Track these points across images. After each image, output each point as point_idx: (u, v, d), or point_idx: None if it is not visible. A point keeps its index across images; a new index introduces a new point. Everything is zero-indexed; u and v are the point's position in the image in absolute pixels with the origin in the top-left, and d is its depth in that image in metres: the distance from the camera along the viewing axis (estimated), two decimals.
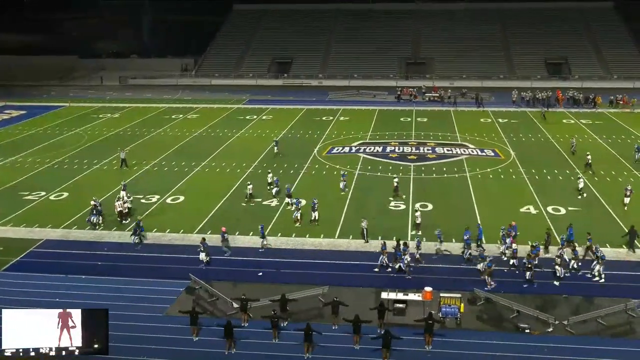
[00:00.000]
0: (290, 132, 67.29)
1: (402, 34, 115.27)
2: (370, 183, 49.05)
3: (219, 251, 35.85)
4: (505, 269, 33.86)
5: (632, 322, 28.68)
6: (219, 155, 57.47)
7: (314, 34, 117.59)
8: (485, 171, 51.47)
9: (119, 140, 63.62)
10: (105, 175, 51.94)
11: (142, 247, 37.40)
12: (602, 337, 27.62)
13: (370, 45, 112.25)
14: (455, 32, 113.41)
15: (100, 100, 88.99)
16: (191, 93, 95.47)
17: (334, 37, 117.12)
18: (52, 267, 34.75)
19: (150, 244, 38.03)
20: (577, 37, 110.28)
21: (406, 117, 74.23)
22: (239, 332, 27.49)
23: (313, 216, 40.53)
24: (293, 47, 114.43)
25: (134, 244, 37.53)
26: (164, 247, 37.53)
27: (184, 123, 72.67)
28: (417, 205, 41.66)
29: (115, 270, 34.36)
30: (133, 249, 37.21)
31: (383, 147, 59.50)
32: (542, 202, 43.58)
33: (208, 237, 38.21)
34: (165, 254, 36.63)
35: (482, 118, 72.69)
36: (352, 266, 34.68)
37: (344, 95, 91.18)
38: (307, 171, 52.27)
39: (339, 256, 35.78)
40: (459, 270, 33.90)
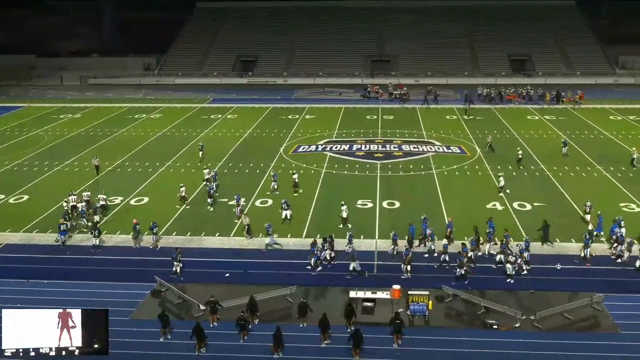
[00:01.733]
0: (255, 131, 67.06)
1: (367, 32, 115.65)
2: (337, 182, 49.16)
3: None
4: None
5: (598, 315, 29.19)
6: (183, 155, 57.01)
7: (279, 31, 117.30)
8: (451, 168, 51.94)
9: (81, 141, 62.77)
10: (67, 177, 51.11)
11: (105, 250, 36.97)
12: (568, 331, 28.07)
13: (335, 43, 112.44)
14: (420, 30, 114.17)
15: (61, 100, 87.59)
16: (154, 92, 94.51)
17: (299, 34, 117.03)
18: (12, 272, 34.14)
19: (114, 246, 37.62)
20: (540, 34, 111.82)
21: (372, 114, 74.54)
22: (207, 334, 27.22)
23: (284, 215, 40.58)
24: (258, 45, 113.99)
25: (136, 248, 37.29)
26: (129, 250, 37.16)
27: (147, 123, 71.95)
28: (342, 202, 41.91)
29: (79, 274, 33.86)
30: (96, 252, 36.76)
31: (349, 145, 59.64)
32: (508, 199, 44.15)
33: (173, 240, 38.07)
34: (130, 257, 36.27)
35: (448, 115, 73.31)
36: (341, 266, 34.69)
37: (310, 94, 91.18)
38: (273, 170, 52.10)
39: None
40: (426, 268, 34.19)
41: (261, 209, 43.09)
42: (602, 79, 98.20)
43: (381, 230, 38.62)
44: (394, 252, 35.39)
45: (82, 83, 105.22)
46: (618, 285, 31.87)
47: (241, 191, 45.07)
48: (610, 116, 71.91)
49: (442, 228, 37.62)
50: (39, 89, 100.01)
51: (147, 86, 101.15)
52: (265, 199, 45.01)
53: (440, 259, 34.61)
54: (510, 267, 32.84)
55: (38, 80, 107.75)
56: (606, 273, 33.40)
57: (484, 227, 36.89)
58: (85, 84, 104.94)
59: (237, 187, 46.41)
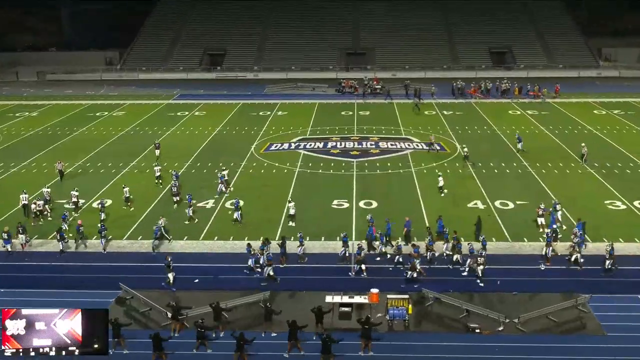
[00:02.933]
0: (225, 128, 66.84)
1: (342, 23, 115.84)
2: (312, 181, 49.21)
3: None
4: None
5: (583, 317, 29.51)
6: (149, 154, 56.59)
7: (249, 23, 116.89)
8: (431, 166, 52.26)
9: (39, 141, 62.07)
10: (23, 179, 50.40)
11: (67, 256, 36.59)
12: (553, 334, 28.36)
13: (308, 36, 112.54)
14: (396, 22, 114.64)
15: (17, 97, 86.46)
16: (117, 88, 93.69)
17: (270, 27, 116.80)
18: None
19: (76, 252, 37.25)
20: (521, 26, 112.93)
21: (347, 110, 74.69)
22: (170, 343, 26.90)
23: (235, 216, 40.71)
24: (226, 37, 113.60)
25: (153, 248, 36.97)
26: (91, 255, 36.82)
27: (110, 121, 71.31)
28: (289, 198, 42.22)
29: (38, 282, 33.44)
30: (56, 259, 36.34)
31: (324, 143, 59.72)
32: (490, 197, 44.54)
33: (139, 244, 37.85)
34: (93, 263, 35.94)
35: (427, 110, 73.71)
36: (295, 269, 34.70)
37: (282, 89, 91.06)
38: (244, 170, 52.07)
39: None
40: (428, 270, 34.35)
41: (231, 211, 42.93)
42: (585, 71, 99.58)
43: (358, 231, 38.71)
44: (345, 255, 35.44)
45: (39, 79, 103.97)
46: (603, 286, 32.26)
47: (211, 193, 44.92)
48: (595, 110, 72.88)
49: (423, 229, 37.83)
50: None
51: (109, 82, 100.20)
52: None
53: (395, 260, 34.80)
54: (480, 268, 33.08)
55: None
56: (590, 273, 33.78)
57: (463, 227, 37.27)
58: (43, 80, 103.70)
59: (206, 189, 46.25)
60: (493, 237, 37.64)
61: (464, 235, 36.87)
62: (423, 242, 35.61)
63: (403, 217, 38.39)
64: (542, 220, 39.37)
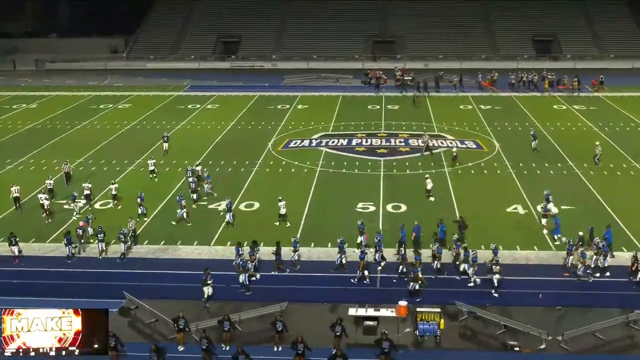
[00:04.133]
0: (239, 123, 67.05)
1: (369, 8, 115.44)
2: (334, 182, 49.22)
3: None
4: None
5: (635, 335, 29.21)
6: (156, 151, 56.89)
7: (266, 8, 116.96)
8: (466, 166, 52.03)
9: (37, 136, 62.65)
10: (20, 177, 50.74)
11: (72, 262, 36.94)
12: (601, 353, 28.11)
13: (331, 22, 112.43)
14: (428, 6, 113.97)
15: (13, 88, 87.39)
16: (122, 79, 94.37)
17: (290, 11, 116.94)
18: None
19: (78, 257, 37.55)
20: (568, 11, 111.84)
21: (374, 104, 74.61)
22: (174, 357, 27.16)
23: (227, 218, 41.11)
24: (241, 23, 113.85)
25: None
26: (95, 261, 37.14)
27: (115, 114, 71.83)
28: (280, 197, 42.30)
29: (34, 290, 33.77)
30: (56, 264, 36.63)
31: (348, 140, 59.70)
32: (532, 201, 44.24)
33: (145, 249, 38.09)
34: (97, 269, 36.22)
35: (462, 105, 73.46)
36: (316, 278, 34.73)
37: (302, 80, 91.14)
38: (260, 168, 52.20)
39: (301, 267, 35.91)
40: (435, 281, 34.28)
41: (247, 214, 43.10)
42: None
43: (385, 237, 38.56)
44: (342, 262, 35.53)
45: (38, 68, 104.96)
46: None
47: (224, 193, 45.02)
48: None
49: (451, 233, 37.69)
50: None
51: (114, 72, 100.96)
52: (251, 201, 45.01)
53: (398, 270, 34.62)
54: (496, 278, 32.96)
55: None
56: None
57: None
58: (42, 69, 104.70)
59: (218, 188, 46.43)
60: (535, 246, 37.45)
61: (505, 244, 36.76)
62: (429, 249, 35.72)
63: (435, 222, 38.32)
64: (545, 221, 39.60)
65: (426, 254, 35.46)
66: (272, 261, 35.49)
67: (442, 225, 37.68)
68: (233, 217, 41.21)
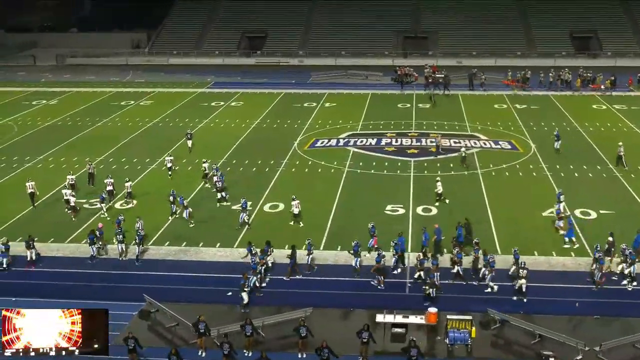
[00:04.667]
0: (265, 121, 67.25)
1: (400, 3, 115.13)
2: (362, 183, 49.22)
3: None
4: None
5: None
6: (179, 149, 57.25)
7: (293, 2, 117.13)
8: (500, 167, 51.80)
9: (57, 133, 63.33)
10: (39, 175, 51.31)
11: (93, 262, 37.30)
12: None
13: (361, 16, 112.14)
14: (463, 1, 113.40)
15: (33, 84, 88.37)
16: (144, 75, 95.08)
17: (317, 6, 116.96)
18: None
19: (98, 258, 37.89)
20: (609, 6, 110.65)
21: (405, 102, 74.46)
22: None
23: (241, 218, 41.36)
24: (267, 18, 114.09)
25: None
26: (113, 263, 37.49)
27: (136, 111, 72.40)
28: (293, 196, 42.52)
29: (55, 291, 34.08)
30: (85, 265, 36.99)
31: (377, 140, 59.70)
32: (569, 204, 43.86)
33: (165, 250, 38.33)
34: (117, 271, 36.54)
35: (496, 104, 73.11)
36: (341, 283, 34.75)
37: (330, 77, 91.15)
38: (286, 168, 52.35)
39: (326, 271, 35.96)
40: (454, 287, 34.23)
41: (271, 215, 43.24)
42: None
43: (415, 241, 38.55)
44: (358, 267, 35.51)
45: (58, 63, 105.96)
46: None
47: (247, 194, 45.16)
48: None
49: (487, 240, 37.55)
50: (6, 70, 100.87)
51: (136, 67, 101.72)
52: (275, 202, 45.14)
53: (415, 276, 34.52)
54: (521, 283, 32.78)
55: (6, 60, 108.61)
56: None
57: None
58: (62, 64, 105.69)
59: (240, 189, 46.61)
60: (572, 252, 37.20)
61: (541, 249, 36.57)
62: (449, 254, 35.74)
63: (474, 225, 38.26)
64: (561, 223, 39.50)
65: (447, 258, 35.48)
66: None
67: (460, 228, 37.49)
68: (248, 216, 41.48)
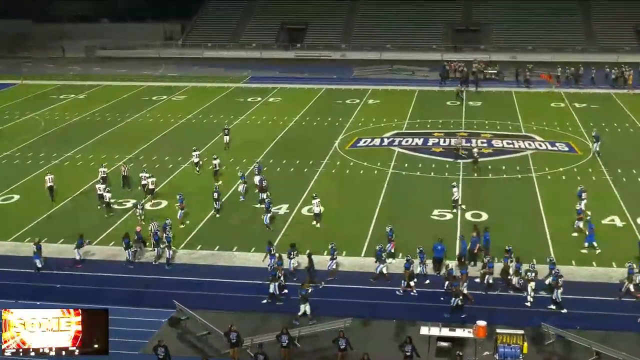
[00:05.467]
0: (304, 118, 67.44)
1: None
2: (408, 186, 49.09)
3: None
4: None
5: None
6: (212, 147, 57.58)
7: None
8: (557, 171, 51.32)
9: (85, 128, 64.18)
10: (67, 172, 52.11)
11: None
12: None
13: (407, 8, 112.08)
14: None
15: (61, 77, 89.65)
16: (177, 68, 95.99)
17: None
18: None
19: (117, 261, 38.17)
20: None
21: (454, 100, 74.12)
22: None
23: (265, 219, 41.67)
24: (308, 9, 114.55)
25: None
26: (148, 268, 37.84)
27: (168, 106, 73.04)
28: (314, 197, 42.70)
29: (78, 295, 34.37)
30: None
31: (424, 139, 59.53)
32: (631, 212, 43.34)
33: (199, 255, 38.52)
34: (150, 275, 36.86)
35: (553, 102, 72.43)
36: (383, 292, 34.65)
37: (374, 72, 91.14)
38: (326, 169, 52.39)
39: (367, 279, 35.84)
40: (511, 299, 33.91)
41: (309, 219, 43.17)
42: None
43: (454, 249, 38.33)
44: (382, 272, 35.62)
45: (88, 55, 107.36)
46: None
47: (284, 196, 45.22)
48: None
49: (542, 249, 37.20)
50: (34, 61, 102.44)
51: (169, 60, 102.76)
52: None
53: (445, 287, 34.25)
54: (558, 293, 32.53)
55: (34, 52, 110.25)
56: None
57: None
58: (92, 56, 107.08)
59: (279, 190, 46.70)
60: (634, 264, 36.61)
61: (600, 260, 36.15)
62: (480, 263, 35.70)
63: (520, 232, 37.84)
64: (581, 224, 39.62)
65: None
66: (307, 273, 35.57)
67: (487, 233, 37.30)
68: (271, 218, 41.81)
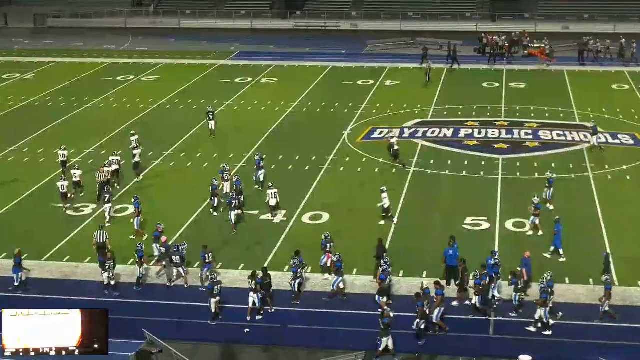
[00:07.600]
0: (305, 103, 67.52)
1: None
2: (434, 187, 49.15)
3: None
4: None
5: None
6: (192, 139, 57.62)
7: None
8: (619, 169, 51.35)
9: (34, 116, 64.22)
10: (11, 170, 52.28)
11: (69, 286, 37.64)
12: None
13: None
14: None
15: (5, 52, 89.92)
16: (147, 41, 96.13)
17: None
18: None
19: (82, 280, 38.17)
20: None
21: (492, 81, 74.17)
22: None
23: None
24: None
25: None
26: None
27: (137, 89, 73.20)
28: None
29: None
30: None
31: (454, 130, 59.59)
32: None
33: None
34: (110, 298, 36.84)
35: (615, 84, 72.40)
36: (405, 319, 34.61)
37: (392, 46, 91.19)
38: (333, 166, 52.40)
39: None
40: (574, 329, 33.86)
41: (311, 229, 43.15)
42: None
43: (505, 264, 38.19)
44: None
45: (37, 25, 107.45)
46: None
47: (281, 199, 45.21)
48: None
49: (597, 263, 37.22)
50: None
51: (138, 31, 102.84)
52: (317, 212, 45.00)
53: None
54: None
55: None
56: None
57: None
58: (43, 26, 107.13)
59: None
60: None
61: None
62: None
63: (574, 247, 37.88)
64: (537, 221, 40.63)
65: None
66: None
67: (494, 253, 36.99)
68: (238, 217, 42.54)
